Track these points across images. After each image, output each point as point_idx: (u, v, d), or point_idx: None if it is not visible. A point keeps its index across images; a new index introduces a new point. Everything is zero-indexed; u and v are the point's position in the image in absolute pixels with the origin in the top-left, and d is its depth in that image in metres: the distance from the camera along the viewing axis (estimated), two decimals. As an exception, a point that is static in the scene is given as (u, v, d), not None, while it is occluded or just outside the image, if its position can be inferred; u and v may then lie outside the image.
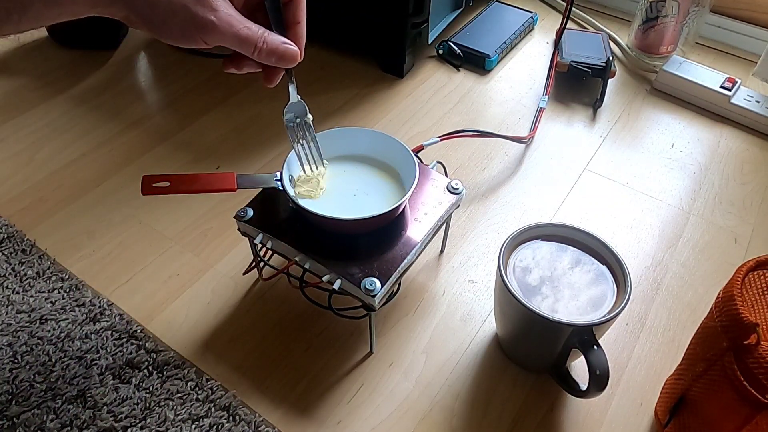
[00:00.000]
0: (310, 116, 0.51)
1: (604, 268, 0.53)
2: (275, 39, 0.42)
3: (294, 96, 0.50)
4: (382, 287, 0.49)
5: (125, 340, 0.57)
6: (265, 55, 0.42)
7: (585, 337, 0.48)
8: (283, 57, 0.43)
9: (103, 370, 0.55)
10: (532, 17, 1.01)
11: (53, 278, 0.62)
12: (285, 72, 0.47)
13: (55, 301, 0.60)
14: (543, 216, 0.72)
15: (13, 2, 0.34)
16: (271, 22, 0.43)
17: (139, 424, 0.51)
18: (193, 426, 0.51)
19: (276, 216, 0.55)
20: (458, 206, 0.59)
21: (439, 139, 0.71)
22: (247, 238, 0.57)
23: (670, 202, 0.74)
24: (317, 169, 0.54)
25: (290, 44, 0.43)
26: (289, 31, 0.44)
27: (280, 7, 0.44)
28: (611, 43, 0.98)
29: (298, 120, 0.51)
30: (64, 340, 0.57)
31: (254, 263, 0.60)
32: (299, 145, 0.52)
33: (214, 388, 0.54)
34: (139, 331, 0.58)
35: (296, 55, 0.43)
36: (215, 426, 0.51)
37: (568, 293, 0.51)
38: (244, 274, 0.62)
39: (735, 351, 0.41)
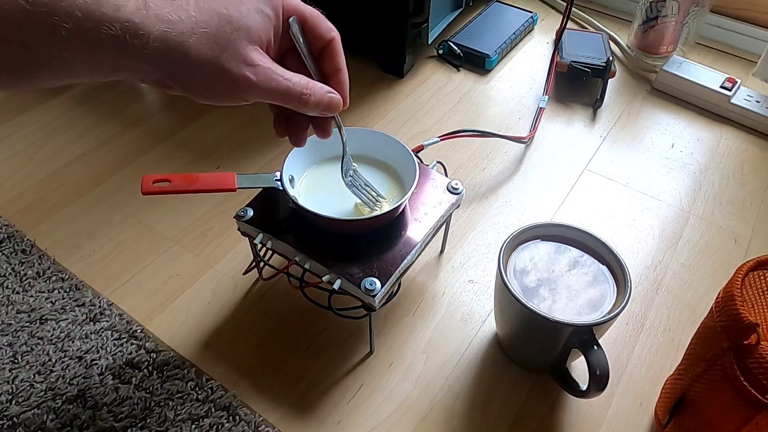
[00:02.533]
0: (354, 165, 0.53)
1: (604, 268, 0.53)
2: (319, 89, 0.39)
3: (345, 150, 0.50)
4: (382, 287, 0.49)
5: (125, 340, 0.57)
6: (313, 107, 0.39)
7: (585, 337, 0.47)
8: (329, 107, 0.40)
9: (103, 370, 0.55)
10: (532, 17, 1.01)
11: (53, 278, 0.62)
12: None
13: (55, 301, 0.60)
14: (543, 216, 0.72)
15: (31, 58, 0.31)
16: (309, 69, 0.41)
17: (139, 424, 0.51)
18: (193, 426, 0.51)
19: (276, 216, 0.55)
20: (458, 206, 0.59)
21: (439, 139, 0.71)
22: (247, 238, 0.57)
23: (670, 202, 0.74)
24: (380, 203, 0.55)
25: (334, 93, 0.41)
26: (331, 78, 0.42)
27: (313, 54, 0.41)
28: (611, 43, 0.98)
29: (350, 173, 0.53)
30: (64, 340, 0.57)
31: (254, 263, 0.60)
32: (364, 195, 0.53)
33: (214, 388, 0.54)
34: (139, 331, 0.58)
35: (340, 103, 0.41)
36: (215, 426, 0.51)
37: (565, 295, 0.51)
38: (244, 274, 0.62)
39: (735, 351, 0.41)
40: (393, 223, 0.54)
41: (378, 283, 0.49)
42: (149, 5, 0.32)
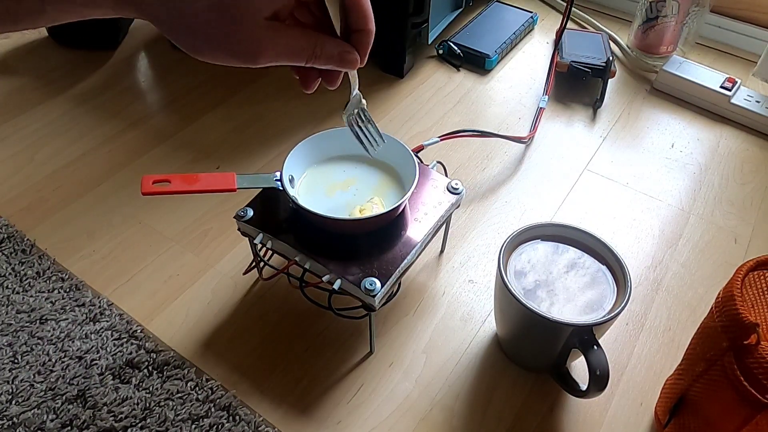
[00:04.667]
0: (364, 102, 0.51)
1: (604, 268, 0.53)
2: (331, 49, 0.39)
3: (355, 89, 0.49)
4: (382, 287, 0.49)
5: (125, 340, 0.57)
6: (322, 64, 0.39)
7: (585, 337, 0.47)
8: (340, 64, 0.40)
9: (103, 370, 0.55)
10: (532, 17, 1.01)
11: (53, 278, 0.62)
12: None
13: (55, 301, 0.60)
14: (543, 216, 0.72)
15: (24, 9, 0.31)
16: (333, 23, 0.39)
17: (139, 424, 0.51)
18: (193, 426, 0.51)
19: (276, 216, 0.55)
20: (458, 206, 0.59)
21: (439, 139, 0.71)
22: (247, 238, 0.57)
23: (670, 202, 0.74)
24: (380, 146, 0.52)
25: (349, 51, 0.40)
26: (353, 35, 0.40)
27: (343, 9, 0.40)
28: (611, 43, 0.98)
29: (355, 111, 0.51)
30: (64, 340, 0.57)
31: (254, 263, 0.60)
32: (361, 132, 0.51)
33: (214, 388, 0.54)
34: (139, 331, 0.58)
35: (355, 61, 0.40)
36: (215, 426, 0.51)
37: (563, 297, 0.51)
38: (244, 274, 0.62)
39: (735, 351, 0.41)
40: (393, 223, 0.55)
41: (378, 283, 0.49)
42: None
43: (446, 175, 0.61)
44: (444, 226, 0.62)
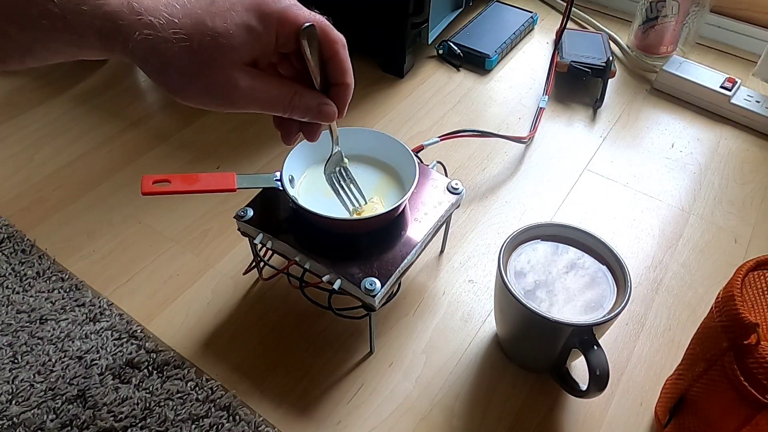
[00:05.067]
0: (345, 160, 0.52)
1: (603, 268, 0.53)
2: (309, 101, 0.39)
3: (336, 147, 0.49)
4: (382, 287, 0.49)
5: (125, 340, 0.57)
6: (299, 117, 0.40)
7: (585, 337, 0.47)
8: (318, 117, 0.40)
9: (103, 370, 0.55)
10: (532, 17, 1.01)
11: (53, 278, 0.62)
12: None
13: (55, 301, 0.60)
14: (543, 216, 0.72)
15: (12, 45, 0.32)
16: (312, 76, 0.40)
17: (139, 424, 0.51)
18: (193, 426, 0.51)
19: (276, 216, 0.55)
20: (458, 206, 0.59)
21: (439, 139, 0.71)
22: (247, 238, 0.57)
23: (670, 202, 0.74)
24: (361, 206, 0.54)
25: (327, 104, 0.40)
26: (333, 89, 0.41)
27: (322, 62, 0.40)
28: (611, 43, 0.98)
29: (337, 169, 0.52)
30: (64, 340, 0.57)
31: (254, 263, 0.60)
32: (342, 191, 0.52)
33: (214, 388, 0.54)
34: (139, 331, 0.58)
35: (333, 114, 0.41)
36: (215, 426, 0.51)
37: (562, 297, 0.51)
38: (244, 274, 0.62)
39: (735, 351, 0.41)
40: (393, 223, 0.54)
41: (378, 283, 0.49)
42: (133, 5, 0.33)
43: (446, 175, 0.61)
44: (444, 226, 0.62)
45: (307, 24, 0.37)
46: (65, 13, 0.31)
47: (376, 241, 0.53)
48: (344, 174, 0.52)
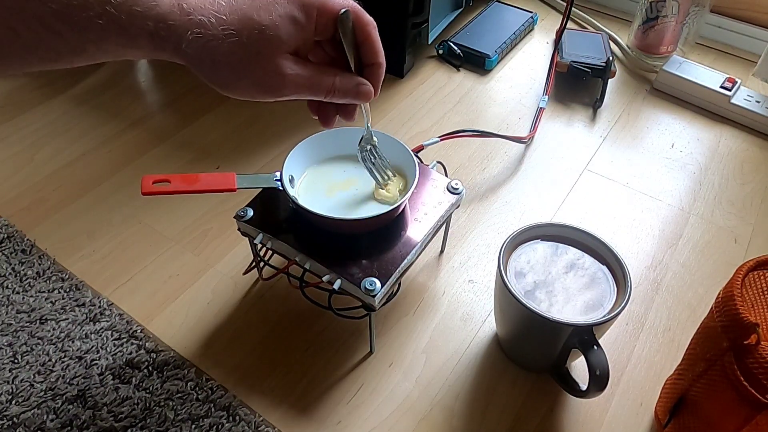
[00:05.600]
0: (375, 139, 0.54)
1: (604, 268, 0.53)
2: (347, 82, 0.42)
3: (368, 126, 0.52)
4: (382, 287, 0.49)
5: (125, 340, 0.57)
6: (339, 99, 0.42)
7: (585, 337, 0.47)
8: (357, 97, 0.43)
9: (103, 370, 0.55)
10: (532, 17, 1.01)
11: (53, 278, 0.62)
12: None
13: (55, 301, 0.60)
14: (543, 216, 0.72)
15: (64, 46, 0.32)
16: (349, 60, 0.42)
17: (139, 424, 0.51)
18: (193, 426, 0.51)
19: (276, 216, 0.55)
20: (458, 206, 0.59)
21: (439, 139, 0.71)
22: (247, 238, 0.57)
23: (670, 202, 0.74)
24: (390, 180, 0.56)
25: (364, 84, 0.43)
26: (367, 69, 0.44)
27: (356, 45, 0.43)
28: (611, 43, 0.98)
29: (368, 147, 0.54)
30: (64, 340, 0.57)
31: (254, 263, 0.60)
32: (372, 166, 0.55)
33: (214, 388, 0.54)
34: (139, 331, 0.58)
35: (370, 94, 0.44)
36: (215, 426, 0.51)
37: (562, 298, 0.50)
38: (244, 274, 0.62)
39: (735, 351, 0.41)
40: (393, 223, 0.55)
41: (378, 283, 0.49)
42: (183, 5, 0.33)
43: (446, 175, 0.61)
44: (444, 226, 0.62)
45: (343, 9, 0.39)
46: (120, 14, 0.32)
47: (376, 241, 0.53)
48: (375, 152, 0.54)
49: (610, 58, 0.87)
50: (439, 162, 0.63)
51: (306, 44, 0.40)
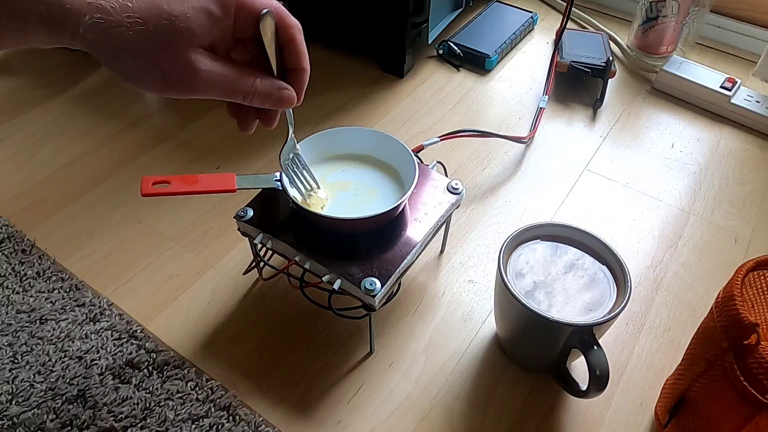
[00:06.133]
0: (298, 147, 0.52)
1: (604, 268, 0.53)
2: (268, 86, 0.39)
3: (291, 135, 0.50)
4: (382, 287, 0.49)
5: (125, 340, 0.57)
6: (259, 103, 0.39)
7: (585, 337, 0.47)
8: (278, 103, 0.40)
9: (103, 370, 0.55)
10: (532, 17, 1.01)
11: (53, 278, 0.62)
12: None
13: (55, 301, 0.60)
14: (543, 216, 0.72)
15: None
16: (270, 61, 0.40)
17: (139, 424, 0.51)
18: (193, 426, 0.51)
19: (276, 216, 0.55)
20: (458, 206, 0.59)
21: (439, 139, 0.71)
22: (247, 238, 0.57)
23: (670, 202, 0.74)
24: (316, 193, 0.54)
25: (286, 88, 0.40)
26: (290, 74, 0.41)
27: (279, 48, 0.40)
28: (611, 43, 0.98)
29: (291, 156, 0.52)
30: (64, 340, 0.57)
31: (254, 263, 0.60)
32: (294, 175, 0.53)
33: (214, 388, 0.54)
34: (139, 331, 0.58)
35: (292, 99, 0.40)
36: (215, 426, 0.51)
37: (561, 298, 0.50)
38: (244, 274, 0.62)
39: (735, 351, 0.41)
40: (393, 223, 0.55)
41: (378, 283, 0.49)
42: None
43: (446, 175, 0.61)
44: (444, 226, 0.62)
45: (265, 10, 0.37)
46: None
47: (376, 241, 0.53)
48: (297, 160, 0.53)
49: (610, 58, 0.87)
50: (439, 162, 0.63)
51: (223, 41, 0.37)
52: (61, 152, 0.78)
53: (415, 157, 0.56)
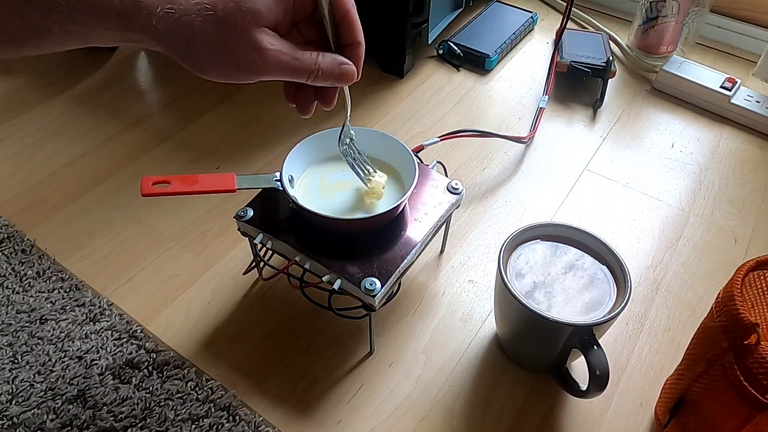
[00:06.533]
0: (352, 132, 0.52)
1: (604, 268, 0.53)
2: (330, 62, 0.39)
3: (348, 118, 0.50)
4: (382, 287, 0.49)
5: (125, 340, 0.57)
6: (322, 80, 0.39)
7: (585, 337, 0.47)
8: (340, 78, 0.40)
9: (103, 370, 0.55)
10: (532, 17, 1.01)
11: (53, 278, 0.62)
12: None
13: (55, 301, 0.60)
14: (543, 216, 0.72)
15: (28, 28, 0.31)
16: (329, 39, 0.40)
17: (139, 424, 0.51)
18: (193, 426, 0.51)
19: (276, 216, 0.55)
20: (458, 206, 0.59)
21: (439, 139, 0.71)
22: (247, 238, 0.57)
23: (670, 202, 0.74)
24: (374, 177, 0.54)
25: (347, 63, 0.40)
26: (347, 49, 0.41)
27: (335, 24, 0.40)
28: (611, 43, 0.98)
29: (348, 140, 0.52)
30: (64, 340, 0.57)
31: (254, 263, 0.60)
32: (353, 161, 0.53)
33: (214, 388, 0.54)
34: (139, 331, 0.58)
35: (353, 74, 0.41)
36: (215, 426, 0.51)
37: (561, 299, 0.50)
38: (244, 274, 0.62)
39: (735, 351, 0.41)
40: (393, 223, 0.54)
41: (378, 283, 0.49)
42: None
43: (446, 175, 0.61)
44: (444, 226, 0.62)
45: None
46: None
47: (376, 241, 0.53)
48: (354, 146, 0.53)
49: (610, 58, 0.87)
50: (439, 162, 0.63)
51: (285, 22, 0.38)
52: (61, 152, 0.78)
53: (415, 157, 0.56)
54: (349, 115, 0.50)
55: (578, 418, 0.54)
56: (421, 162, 0.60)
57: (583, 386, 0.50)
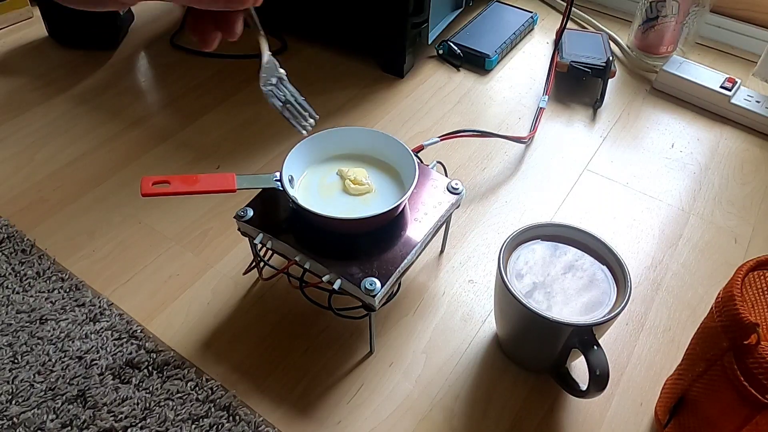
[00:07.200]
0: (282, 71, 0.46)
1: (604, 268, 0.53)
2: None
3: (266, 53, 0.43)
4: (382, 287, 0.49)
5: (125, 340, 0.57)
6: (208, 2, 0.33)
7: (585, 337, 0.47)
8: (230, 1, 0.33)
9: (103, 370, 0.55)
10: (532, 17, 1.01)
11: (53, 278, 0.62)
12: (251, 24, 0.39)
13: (55, 301, 0.60)
14: (543, 216, 0.72)
15: None
16: None
17: (139, 424, 0.51)
18: (193, 426, 0.51)
19: (276, 216, 0.55)
20: (458, 206, 0.59)
21: (439, 139, 0.71)
22: (247, 238, 0.57)
23: (670, 202, 0.74)
24: (310, 121, 0.48)
25: None
26: None
27: None
28: (611, 43, 0.98)
29: (274, 80, 0.45)
30: (64, 340, 0.57)
31: (254, 263, 0.60)
32: (285, 106, 0.47)
33: (214, 388, 0.54)
34: (139, 331, 0.58)
35: None
36: (215, 426, 0.51)
37: (560, 299, 0.50)
38: (244, 274, 0.62)
39: (735, 351, 0.41)
40: (393, 223, 0.55)
41: (378, 283, 0.49)
42: None
43: (446, 175, 0.61)
44: (444, 226, 0.62)
45: None
46: None
47: (376, 241, 0.53)
48: (284, 86, 0.46)
49: (610, 58, 0.87)
50: (439, 162, 0.63)
51: None
52: (61, 152, 0.78)
53: (415, 157, 0.56)
54: (266, 47, 0.43)
55: (578, 418, 0.54)
56: (421, 162, 0.60)
57: (583, 386, 0.50)
